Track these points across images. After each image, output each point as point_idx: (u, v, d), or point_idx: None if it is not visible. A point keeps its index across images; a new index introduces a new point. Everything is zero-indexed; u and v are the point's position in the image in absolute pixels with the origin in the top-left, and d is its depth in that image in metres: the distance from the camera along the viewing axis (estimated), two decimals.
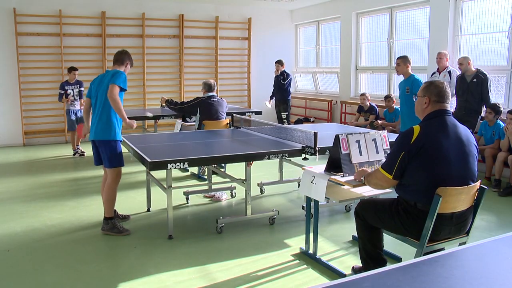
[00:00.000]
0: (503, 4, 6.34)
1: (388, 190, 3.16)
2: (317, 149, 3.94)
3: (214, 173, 5.57)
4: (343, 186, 3.20)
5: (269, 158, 3.98)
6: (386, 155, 3.01)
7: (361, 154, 3.27)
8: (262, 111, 7.71)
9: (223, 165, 5.97)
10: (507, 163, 5.47)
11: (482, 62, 6.56)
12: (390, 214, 2.82)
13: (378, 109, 8.12)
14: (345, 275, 3.22)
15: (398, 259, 3.51)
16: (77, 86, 7.69)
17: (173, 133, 5.80)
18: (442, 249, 2.78)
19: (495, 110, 5.84)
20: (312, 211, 3.53)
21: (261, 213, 4.52)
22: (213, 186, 5.40)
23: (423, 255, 2.10)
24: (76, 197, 5.32)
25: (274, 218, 4.42)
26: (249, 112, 7.43)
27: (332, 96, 10.01)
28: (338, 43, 9.62)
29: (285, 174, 5.70)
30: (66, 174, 6.54)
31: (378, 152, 3.34)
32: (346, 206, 4.78)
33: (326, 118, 9.94)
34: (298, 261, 3.56)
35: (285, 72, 8.77)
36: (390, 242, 3.35)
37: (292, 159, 4.87)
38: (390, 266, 1.70)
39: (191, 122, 6.28)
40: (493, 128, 5.88)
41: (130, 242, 3.96)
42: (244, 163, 4.22)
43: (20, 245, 3.90)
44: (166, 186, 3.97)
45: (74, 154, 7.79)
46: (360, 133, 3.35)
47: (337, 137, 3.23)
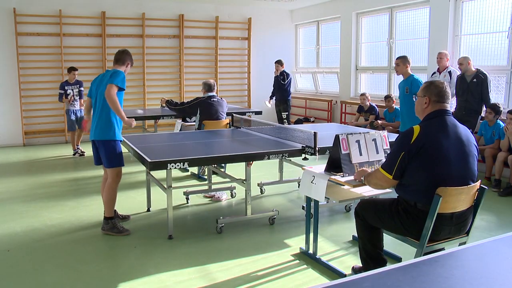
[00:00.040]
0: (503, 4, 6.34)
1: (388, 190, 3.16)
2: (317, 149, 3.94)
3: (214, 173, 5.57)
4: (343, 186, 3.20)
5: (269, 158, 3.98)
6: (386, 155, 3.01)
7: (361, 154, 3.27)
8: (262, 111, 7.71)
9: (223, 165, 5.97)
10: (507, 163, 5.48)
11: (482, 62, 6.56)
12: (390, 214, 2.82)
13: (378, 109, 8.12)
14: (345, 275, 3.22)
15: (398, 259, 3.51)
16: (76, 86, 7.70)
17: (173, 133, 5.80)
18: (442, 249, 2.78)
19: (495, 110, 5.84)
20: (312, 211, 3.53)
21: (261, 213, 4.52)
22: (213, 186, 5.40)
23: (423, 255, 2.10)
24: (76, 197, 5.32)
25: (274, 218, 4.42)
26: (249, 112, 7.43)
27: (332, 96, 10.01)
28: (338, 43, 9.62)
29: (285, 174, 5.70)
30: (66, 174, 6.54)
31: (378, 152, 3.34)
32: (346, 206, 4.78)
33: (326, 118, 9.94)
34: (298, 261, 3.56)
35: (284, 72, 8.76)
36: (390, 242, 3.35)
37: (292, 159, 4.87)
38: (390, 266, 1.70)
39: (191, 122, 6.28)
40: (493, 128, 5.88)
41: (130, 242, 3.96)
42: (244, 163, 4.22)
43: (20, 245, 3.90)
44: (166, 186, 3.97)
45: (74, 154, 7.80)
46: (360, 133, 3.35)
47: (337, 137, 3.23)
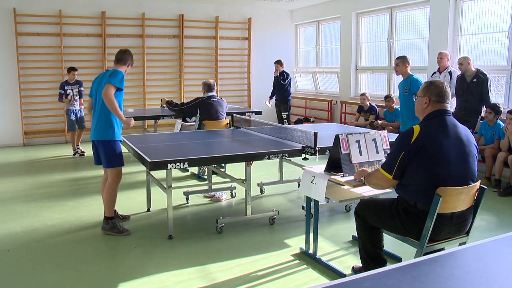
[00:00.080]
0: (503, 4, 6.33)
1: (388, 190, 3.16)
2: (317, 149, 3.94)
3: (214, 173, 5.57)
4: (343, 186, 3.20)
5: (269, 158, 3.98)
6: (386, 155, 3.01)
7: (361, 154, 3.27)
8: (262, 111, 7.71)
9: (223, 165, 5.97)
10: (507, 163, 5.47)
11: (482, 62, 6.56)
12: (390, 214, 2.82)
13: (378, 109, 8.12)
14: (345, 275, 3.22)
15: (398, 259, 3.51)
16: (76, 86, 7.70)
17: (173, 133, 5.80)
18: (442, 249, 2.78)
19: (495, 110, 5.84)
20: (312, 211, 3.53)
21: (261, 213, 4.52)
22: (213, 186, 5.40)
23: (423, 255, 2.10)
24: (76, 197, 5.32)
25: (274, 218, 4.42)
26: (249, 112, 7.43)
27: (332, 96, 10.01)
28: (338, 43, 9.62)
29: (285, 174, 5.70)
30: (66, 174, 6.54)
31: (378, 152, 3.34)
32: (346, 206, 4.78)
33: (326, 118, 9.94)
34: (298, 261, 3.56)
35: (284, 72, 8.77)
36: (390, 242, 3.35)
37: (292, 159, 4.87)
38: (390, 266, 1.70)
39: (191, 122, 6.28)
40: (493, 128, 5.88)
41: (130, 242, 3.96)
42: (244, 163, 4.21)
43: (20, 245, 3.90)
44: (166, 186, 3.97)
45: (74, 154, 7.80)
46: (360, 133, 3.35)
47: (337, 137, 3.23)
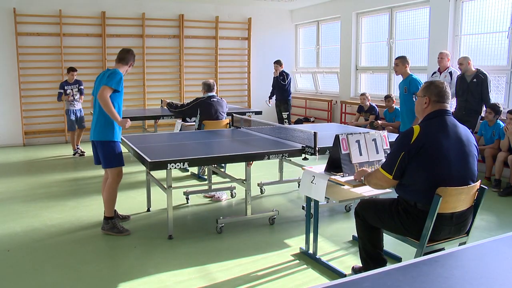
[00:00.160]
0: (503, 4, 6.33)
1: (388, 190, 3.16)
2: (317, 149, 3.94)
3: (214, 173, 5.57)
4: (343, 186, 3.20)
5: (269, 158, 3.98)
6: (386, 155, 3.01)
7: (361, 154, 3.27)
8: (262, 111, 7.71)
9: (223, 165, 5.97)
10: (507, 163, 5.47)
11: (482, 62, 6.56)
12: (390, 214, 2.82)
13: (378, 109, 8.12)
14: (345, 275, 3.22)
15: (398, 259, 3.51)
16: (76, 85, 7.69)
17: (173, 133, 5.80)
18: (442, 249, 2.77)
19: (495, 110, 5.84)
20: (312, 211, 3.53)
21: (261, 213, 4.52)
22: (213, 186, 5.40)
23: (423, 255, 2.10)
24: (76, 197, 5.32)
25: (274, 218, 4.42)
26: (249, 112, 7.42)
27: (332, 96, 10.01)
28: (338, 43, 9.61)
29: (285, 174, 5.70)
30: (66, 174, 6.54)
31: (378, 152, 3.34)
32: (346, 206, 4.78)
33: (326, 118, 9.94)
34: (298, 261, 3.56)
35: (284, 72, 8.77)
36: (390, 242, 3.35)
37: (292, 159, 4.87)
38: (390, 266, 1.70)
39: (191, 122, 6.28)
40: (493, 128, 5.88)
41: (130, 242, 3.96)
42: (244, 163, 4.21)
43: (20, 245, 3.90)
44: (166, 186, 3.97)
45: (74, 154, 7.80)
46: (360, 133, 3.35)
47: (337, 137, 3.23)
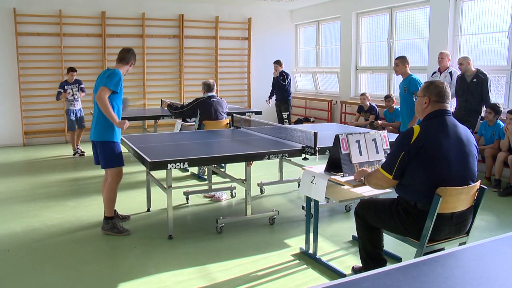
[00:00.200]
0: (503, 4, 6.33)
1: (388, 190, 3.16)
2: (317, 149, 3.94)
3: (214, 173, 5.56)
4: (343, 186, 3.20)
5: (269, 158, 3.98)
6: (386, 155, 3.01)
7: (361, 154, 3.27)
8: (262, 111, 7.71)
9: (223, 165, 5.97)
10: (507, 163, 5.47)
11: (482, 62, 6.56)
12: (390, 214, 2.82)
13: (378, 109, 8.12)
14: (345, 275, 3.22)
15: (398, 259, 3.51)
16: (76, 85, 7.69)
17: (173, 133, 5.80)
18: (442, 249, 2.77)
19: (495, 110, 5.84)
20: (312, 211, 3.53)
21: (261, 213, 4.52)
22: (213, 186, 5.40)
23: (423, 255, 2.10)
24: (76, 197, 5.32)
25: (274, 218, 4.42)
26: (249, 112, 7.42)
27: (332, 96, 10.01)
28: (338, 43, 9.61)
29: (285, 174, 5.70)
30: (66, 174, 6.54)
31: (378, 152, 3.34)
32: (346, 206, 4.78)
33: (326, 118, 9.94)
34: (298, 261, 3.56)
35: (284, 72, 8.76)
36: (390, 242, 3.35)
37: (292, 159, 4.87)
38: (390, 266, 1.70)
39: (191, 122, 6.28)
40: (493, 128, 5.88)
41: (130, 242, 3.95)
42: (244, 163, 4.21)
43: (20, 245, 3.90)
44: (166, 186, 3.97)
45: (74, 154, 7.80)
46: (360, 133, 3.35)
47: (337, 137, 3.23)
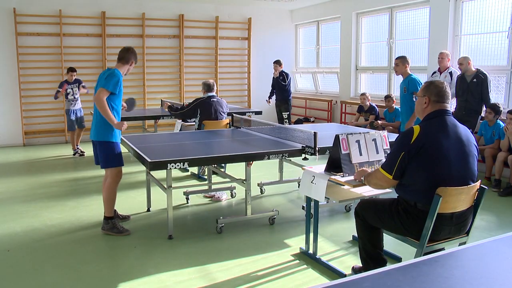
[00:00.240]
0: (503, 4, 6.33)
1: (388, 190, 3.16)
2: (317, 149, 3.94)
3: (214, 173, 5.56)
4: (343, 186, 3.20)
5: (269, 158, 3.98)
6: (386, 155, 3.01)
7: (361, 154, 3.27)
8: (262, 111, 7.71)
9: (223, 165, 5.97)
10: (507, 163, 5.47)
11: (482, 62, 6.56)
12: (390, 214, 2.82)
13: (378, 109, 8.12)
14: (345, 275, 3.22)
15: (398, 259, 3.51)
16: (76, 84, 7.69)
17: (173, 133, 5.80)
18: (442, 249, 2.77)
19: (495, 110, 5.84)
20: (312, 211, 3.53)
21: (261, 213, 4.52)
22: (213, 186, 5.40)
23: (423, 255, 2.10)
24: (76, 197, 5.32)
25: (274, 218, 4.42)
26: (249, 112, 7.42)
27: (332, 96, 10.01)
28: (338, 43, 9.61)
29: (285, 174, 5.70)
30: (66, 174, 6.54)
31: (378, 152, 3.34)
32: (346, 206, 4.78)
33: (326, 118, 9.93)
34: (298, 261, 3.56)
35: (284, 72, 8.76)
36: (390, 242, 3.35)
37: (292, 159, 4.87)
38: (390, 266, 1.70)
39: (191, 122, 6.28)
40: (493, 128, 5.88)
41: (130, 242, 3.95)
42: (244, 163, 4.21)
43: (20, 245, 3.90)
44: (166, 186, 3.97)
45: (74, 154, 7.80)
46: (360, 133, 3.35)
47: (337, 137, 3.23)
